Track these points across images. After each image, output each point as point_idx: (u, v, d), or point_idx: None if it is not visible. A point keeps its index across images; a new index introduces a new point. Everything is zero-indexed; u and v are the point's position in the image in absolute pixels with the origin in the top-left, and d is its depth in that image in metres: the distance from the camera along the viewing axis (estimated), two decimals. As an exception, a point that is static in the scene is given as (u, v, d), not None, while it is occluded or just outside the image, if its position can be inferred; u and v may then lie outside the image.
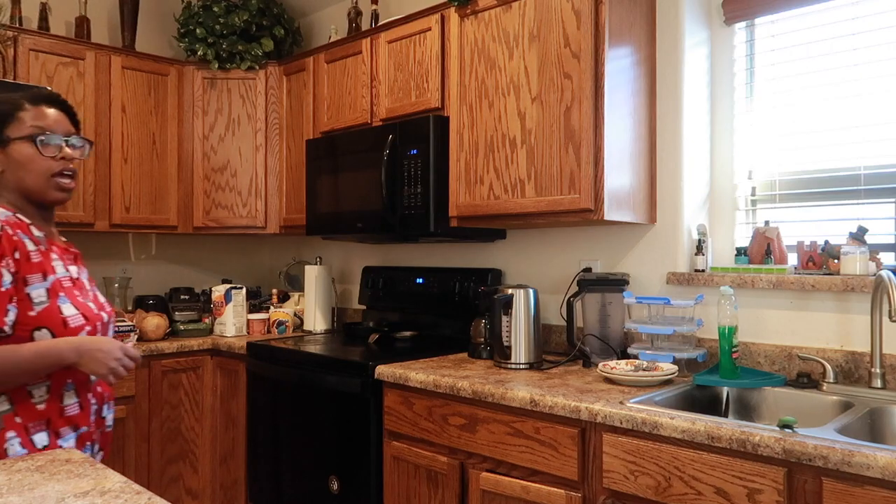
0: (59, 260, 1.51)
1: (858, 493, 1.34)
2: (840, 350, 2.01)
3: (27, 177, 1.48)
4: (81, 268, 1.60)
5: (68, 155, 1.51)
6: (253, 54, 3.44)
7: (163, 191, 3.39)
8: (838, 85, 2.18)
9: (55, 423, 1.44)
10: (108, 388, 1.59)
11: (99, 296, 1.63)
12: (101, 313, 1.55)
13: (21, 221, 1.47)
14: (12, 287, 1.39)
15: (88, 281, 1.62)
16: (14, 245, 1.41)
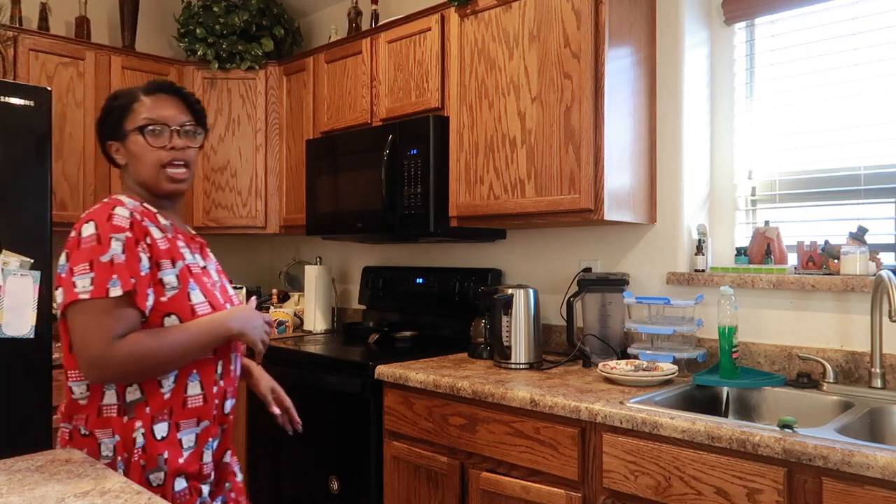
0: (186, 248, 1.48)
1: (858, 492, 1.34)
2: (840, 350, 2.01)
3: (141, 168, 1.45)
4: (208, 258, 1.57)
5: (177, 144, 1.46)
6: (253, 54, 3.44)
7: (163, 191, 3.39)
8: (838, 85, 2.18)
9: (177, 413, 1.39)
10: (230, 381, 1.53)
11: (228, 287, 1.59)
12: (226, 304, 1.51)
13: (148, 210, 1.46)
14: (150, 272, 1.37)
15: (217, 272, 1.59)
16: (144, 231, 1.38)
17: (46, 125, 2.56)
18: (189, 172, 1.50)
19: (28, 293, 2.48)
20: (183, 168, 1.48)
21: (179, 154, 1.46)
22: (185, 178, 1.49)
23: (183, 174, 1.48)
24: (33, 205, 2.52)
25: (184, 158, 1.48)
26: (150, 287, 1.36)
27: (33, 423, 2.49)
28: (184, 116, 1.49)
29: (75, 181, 3.08)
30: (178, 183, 1.48)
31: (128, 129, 1.45)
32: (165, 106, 1.47)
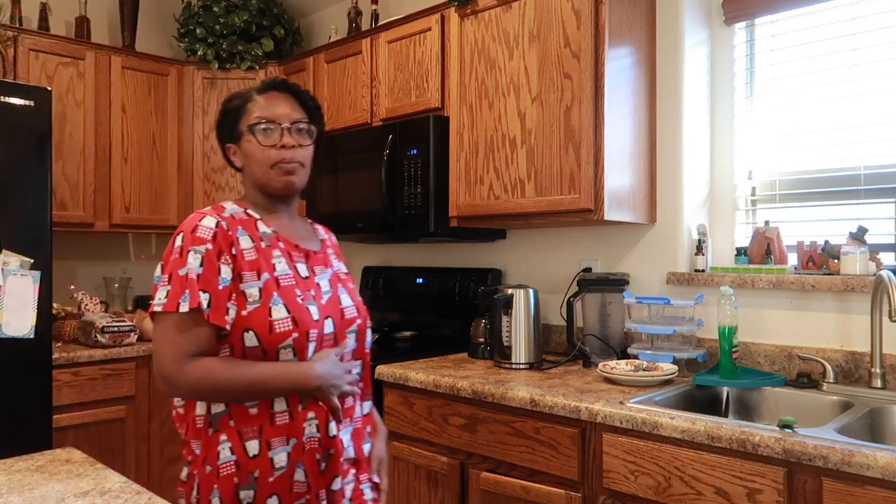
0: (283, 257, 1.38)
1: (858, 493, 1.34)
2: (840, 350, 2.01)
3: (254, 168, 1.41)
4: (323, 265, 1.45)
5: (288, 143, 1.40)
6: (253, 54, 3.44)
7: (163, 191, 3.39)
8: (838, 85, 2.18)
9: (266, 431, 1.28)
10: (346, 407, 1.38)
11: (344, 298, 1.44)
12: (323, 319, 1.36)
13: (249, 218, 1.40)
14: (231, 284, 1.30)
15: (335, 280, 1.45)
16: (230, 241, 1.33)
17: (46, 125, 2.56)
18: (302, 171, 1.44)
19: (28, 293, 2.48)
20: (294, 165, 1.41)
21: (289, 153, 1.40)
22: (296, 177, 1.42)
23: (294, 173, 1.42)
24: (33, 205, 2.52)
25: (294, 157, 1.41)
26: (233, 300, 1.29)
27: (33, 423, 2.49)
28: (296, 114, 1.44)
29: (75, 181, 3.08)
30: (288, 181, 1.41)
31: (242, 129, 1.42)
32: (277, 104, 1.43)
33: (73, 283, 3.39)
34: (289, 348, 1.30)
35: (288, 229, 1.45)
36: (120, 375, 2.90)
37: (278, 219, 1.45)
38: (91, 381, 2.82)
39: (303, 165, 1.44)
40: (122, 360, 2.91)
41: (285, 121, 1.42)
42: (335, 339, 1.38)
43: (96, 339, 2.88)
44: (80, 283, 3.43)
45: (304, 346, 1.31)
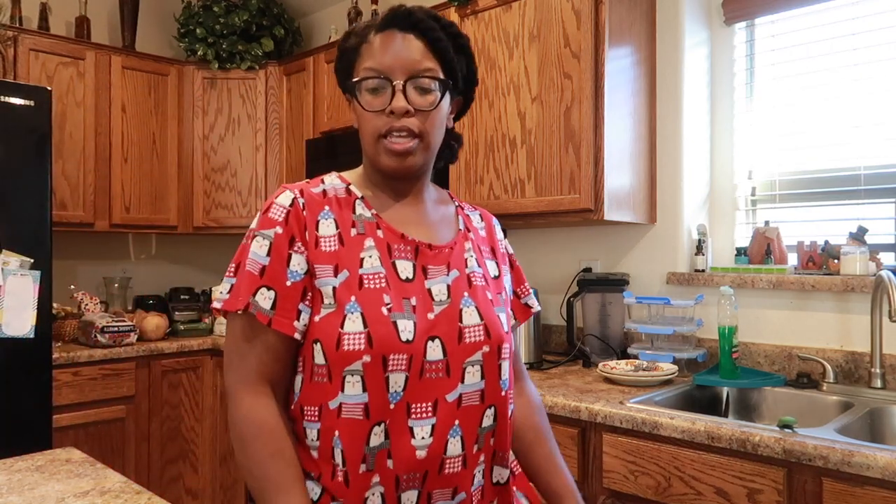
0: (377, 249, 1.02)
1: (858, 493, 1.34)
2: (840, 350, 2.01)
3: (361, 136, 1.06)
4: (442, 266, 1.06)
5: (398, 107, 1.00)
6: (253, 54, 3.44)
7: (163, 191, 3.39)
8: (838, 85, 2.18)
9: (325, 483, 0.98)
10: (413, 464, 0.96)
11: (469, 313, 1.02)
12: (425, 341, 0.97)
13: (348, 195, 1.07)
14: (305, 278, 1.00)
15: (463, 287, 1.05)
16: (303, 224, 1.02)
17: (46, 125, 2.56)
18: (420, 146, 1.03)
19: (28, 293, 2.48)
20: (406, 138, 1.02)
21: (399, 122, 1.01)
22: (411, 156, 1.03)
23: (407, 152, 1.02)
24: (33, 205, 2.52)
25: (407, 126, 1.01)
26: (307, 300, 1.00)
27: (33, 423, 2.49)
28: (420, 63, 1.02)
29: (75, 181, 3.08)
30: (398, 163, 1.03)
31: (352, 82, 1.05)
32: (393, 48, 1.02)
33: (73, 283, 3.39)
34: (357, 375, 0.94)
35: (400, 213, 1.09)
36: (120, 375, 2.90)
37: (392, 200, 1.10)
38: (91, 381, 2.82)
39: (421, 138, 1.03)
40: (122, 360, 2.91)
41: (400, 75, 1.01)
42: (447, 369, 0.98)
43: (96, 339, 2.88)
44: (80, 283, 3.43)
45: (379, 375, 0.94)
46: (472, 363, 1.01)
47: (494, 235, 1.20)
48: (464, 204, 1.22)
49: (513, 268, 1.24)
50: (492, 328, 1.03)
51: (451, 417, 0.98)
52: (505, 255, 1.21)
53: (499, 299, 1.09)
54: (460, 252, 1.09)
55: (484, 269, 1.11)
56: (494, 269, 1.15)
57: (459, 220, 1.15)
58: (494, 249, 1.18)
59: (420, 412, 0.96)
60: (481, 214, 1.21)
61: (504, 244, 1.23)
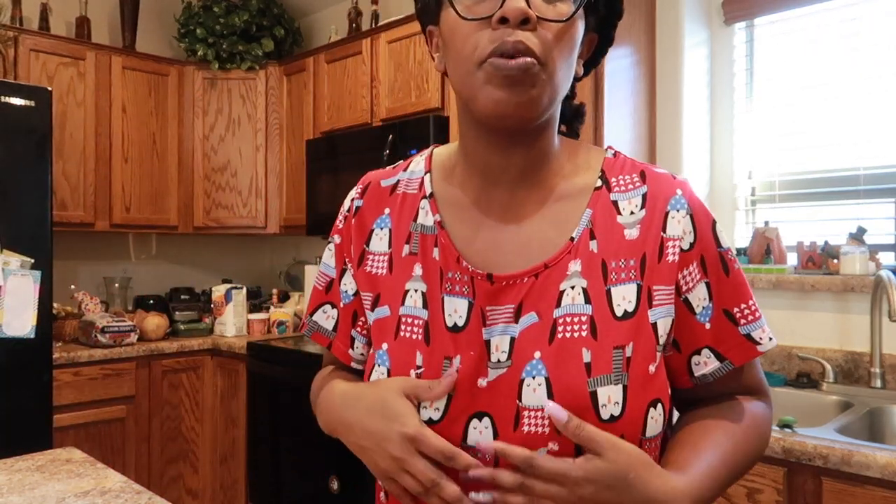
0: (423, 281, 0.76)
1: (858, 492, 1.34)
2: (840, 350, 2.02)
3: (454, 71, 0.71)
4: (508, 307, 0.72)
5: (512, 10, 0.65)
6: (253, 54, 3.44)
7: (163, 191, 3.39)
8: (838, 85, 2.18)
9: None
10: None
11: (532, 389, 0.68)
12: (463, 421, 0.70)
13: (418, 192, 0.80)
14: (356, 300, 0.81)
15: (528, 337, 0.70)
16: (350, 236, 0.82)
17: (47, 125, 2.57)
18: (543, 74, 0.67)
19: (28, 293, 2.48)
20: (522, 62, 0.65)
21: (510, 37, 0.65)
22: (526, 80, 0.66)
23: (521, 64, 0.65)
24: (33, 205, 2.52)
25: (523, 43, 0.65)
26: (358, 326, 0.82)
27: (33, 423, 2.49)
28: None
29: (75, 181, 3.09)
30: (509, 90, 0.67)
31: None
32: None
33: (74, 283, 3.40)
34: None
35: (481, 208, 0.76)
36: (120, 375, 2.90)
37: (484, 181, 0.76)
38: (91, 380, 2.82)
39: (544, 64, 0.67)
40: (122, 360, 2.91)
41: None
42: (495, 461, 0.68)
43: (97, 339, 2.88)
44: (80, 283, 3.43)
45: None
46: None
47: (661, 228, 0.72)
48: (629, 178, 0.77)
49: (709, 275, 0.74)
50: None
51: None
52: (683, 261, 0.72)
53: (611, 361, 0.68)
54: (555, 279, 0.71)
55: (597, 308, 0.70)
56: (631, 298, 0.70)
57: (585, 217, 0.74)
58: (650, 258, 0.72)
59: None
60: (647, 195, 0.74)
61: (688, 240, 0.73)
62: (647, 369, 0.68)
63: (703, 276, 0.72)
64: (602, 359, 0.67)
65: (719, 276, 0.73)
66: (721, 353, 0.73)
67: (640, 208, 0.73)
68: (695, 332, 0.73)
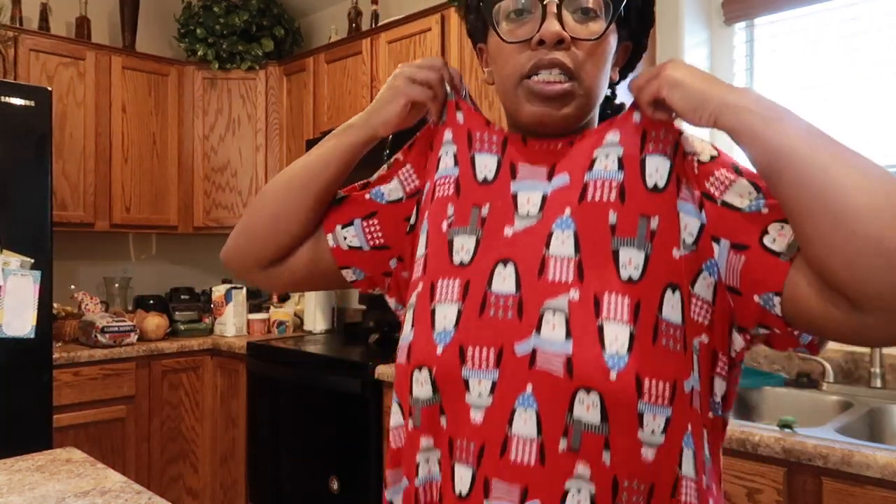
0: (454, 143, 0.83)
1: (858, 492, 1.34)
2: (840, 350, 2.02)
3: (500, 87, 0.79)
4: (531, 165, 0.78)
5: (549, 34, 0.72)
6: (253, 54, 3.44)
7: (163, 191, 3.39)
8: (838, 85, 2.18)
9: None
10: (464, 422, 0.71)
11: (562, 240, 0.72)
12: (482, 265, 0.74)
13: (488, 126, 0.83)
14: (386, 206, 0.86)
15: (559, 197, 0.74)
16: (426, 149, 0.87)
17: (47, 125, 2.57)
18: (578, 88, 0.74)
19: (28, 293, 2.48)
20: (556, 88, 0.73)
21: (546, 56, 0.73)
22: (562, 98, 0.74)
23: (557, 90, 0.73)
24: (33, 205, 2.53)
25: (559, 61, 0.73)
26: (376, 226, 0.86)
27: (33, 423, 2.49)
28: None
29: (75, 181, 3.09)
30: (546, 106, 0.74)
31: (486, 13, 0.79)
32: None
33: (74, 283, 3.40)
34: (411, 310, 0.78)
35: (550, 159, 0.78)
36: (120, 375, 2.90)
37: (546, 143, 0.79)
38: (91, 381, 2.82)
39: (579, 80, 0.74)
40: (122, 360, 2.91)
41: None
42: (519, 308, 0.71)
43: (96, 339, 2.88)
44: (80, 283, 3.43)
45: (425, 307, 0.75)
46: (551, 309, 0.68)
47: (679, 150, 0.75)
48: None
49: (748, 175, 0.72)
50: (588, 269, 0.69)
51: (521, 378, 0.69)
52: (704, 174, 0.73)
53: (636, 227, 0.70)
54: (586, 149, 0.75)
55: (629, 175, 0.72)
56: (663, 173, 0.72)
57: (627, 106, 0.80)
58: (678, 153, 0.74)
59: (477, 360, 0.70)
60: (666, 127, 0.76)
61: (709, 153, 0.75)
62: (670, 250, 0.70)
63: (739, 176, 0.72)
64: (627, 223, 0.71)
65: (756, 177, 0.72)
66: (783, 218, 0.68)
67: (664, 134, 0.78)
68: (752, 222, 0.69)
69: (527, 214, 0.74)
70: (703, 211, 0.72)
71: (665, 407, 0.67)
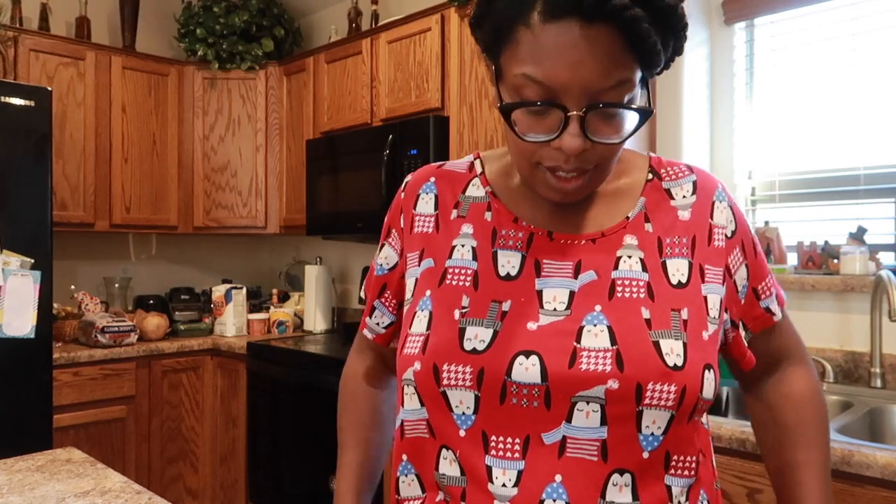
0: (474, 238, 0.79)
1: (858, 492, 1.34)
2: (840, 350, 2.02)
3: (510, 150, 0.76)
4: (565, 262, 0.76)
5: (569, 146, 0.68)
6: (253, 54, 3.44)
7: (163, 191, 3.39)
8: (838, 85, 2.18)
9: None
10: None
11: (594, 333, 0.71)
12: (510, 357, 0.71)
13: (467, 173, 0.85)
14: (389, 275, 0.87)
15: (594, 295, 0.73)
16: (399, 207, 0.87)
17: (47, 125, 2.57)
18: (595, 177, 0.74)
19: (28, 293, 2.48)
20: (574, 185, 0.72)
21: (567, 165, 0.70)
22: (579, 193, 0.74)
23: (575, 187, 0.73)
24: (33, 205, 2.53)
25: (579, 166, 0.71)
26: (384, 297, 0.89)
27: (33, 423, 2.49)
28: (608, 77, 0.66)
29: (75, 181, 3.09)
30: (563, 197, 0.74)
31: (503, 70, 0.71)
32: (571, 55, 0.65)
33: (74, 283, 3.40)
34: (411, 386, 0.76)
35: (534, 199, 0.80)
36: (120, 375, 2.90)
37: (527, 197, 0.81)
38: (91, 381, 2.82)
39: (597, 170, 0.73)
40: (122, 360, 2.91)
41: (578, 98, 0.67)
42: (546, 398, 0.69)
43: (97, 339, 2.88)
44: (80, 283, 3.43)
45: (432, 389, 0.73)
46: (585, 399, 0.68)
47: (709, 215, 0.79)
48: (677, 169, 0.81)
49: (747, 258, 0.82)
50: (630, 359, 0.68)
51: (549, 467, 0.68)
52: (729, 247, 0.79)
53: (670, 319, 0.71)
54: (611, 247, 0.76)
55: (653, 276, 0.74)
56: (684, 271, 0.75)
57: (640, 203, 0.79)
58: (699, 239, 0.78)
59: (501, 448, 0.70)
60: (696, 183, 0.80)
61: (730, 228, 0.80)
62: (700, 333, 0.73)
63: (745, 259, 0.82)
64: (661, 317, 0.72)
65: (752, 258, 0.83)
66: (746, 324, 0.84)
67: (692, 194, 0.81)
68: (738, 308, 0.83)
69: (553, 311, 0.73)
70: (725, 283, 0.79)
71: (690, 477, 0.73)
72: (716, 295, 0.77)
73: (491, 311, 0.74)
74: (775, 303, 0.88)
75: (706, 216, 0.79)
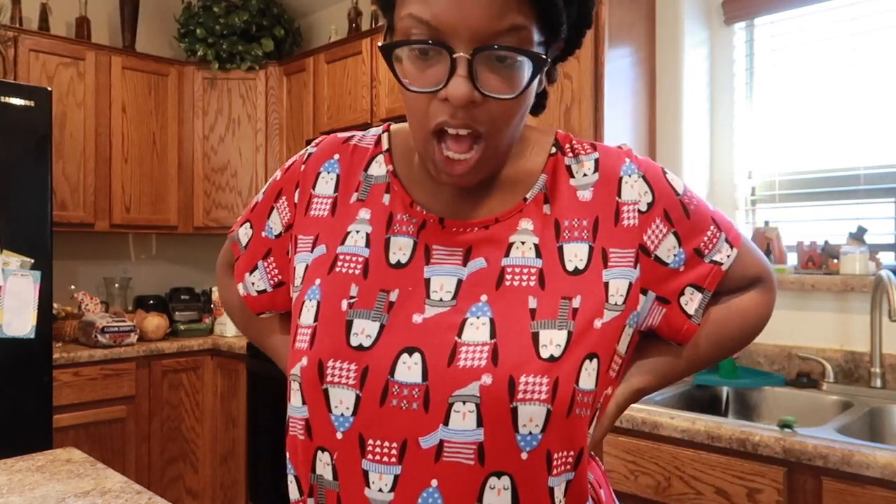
0: (370, 224, 0.76)
1: (858, 492, 1.34)
2: (840, 350, 2.02)
3: (407, 115, 0.72)
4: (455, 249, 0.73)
5: (456, 97, 0.63)
6: (253, 55, 3.44)
7: (163, 191, 3.39)
8: (838, 85, 2.18)
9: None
10: None
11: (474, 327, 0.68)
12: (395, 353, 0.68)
13: (374, 147, 0.81)
14: (275, 241, 0.84)
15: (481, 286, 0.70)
16: (301, 178, 0.81)
17: (47, 125, 2.57)
18: (486, 152, 0.69)
19: (28, 293, 2.48)
20: (465, 145, 0.67)
21: (454, 118, 0.66)
22: (469, 174, 0.69)
23: (464, 168, 0.69)
24: (33, 205, 2.53)
25: (468, 125, 0.66)
26: (268, 261, 0.85)
27: (34, 424, 2.49)
28: (499, 20, 0.63)
29: (75, 181, 3.09)
30: (453, 179, 0.70)
31: (391, 25, 0.71)
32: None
33: (74, 283, 3.40)
34: (296, 382, 0.72)
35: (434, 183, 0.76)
36: (120, 375, 2.90)
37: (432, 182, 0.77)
38: (91, 381, 2.82)
39: (489, 140, 0.68)
40: (122, 360, 2.91)
41: (466, 40, 0.63)
42: (425, 399, 0.67)
43: (97, 340, 2.88)
44: (80, 283, 3.43)
45: (315, 386, 0.70)
46: (461, 399, 0.65)
47: (615, 193, 0.74)
48: (580, 147, 0.77)
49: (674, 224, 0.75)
50: (505, 353, 0.66)
51: (425, 473, 0.66)
52: (644, 223, 0.73)
53: (558, 309, 0.69)
54: (505, 232, 0.72)
55: (547, 262, 0.71)
56: (582, 256, 0.71)
57: (540, 181, 0.75)
58: (603, 221, 0.73)
59: (379, 453, 0.67)
60: (598, 161, 0.75)
61: (645, 201, 0.74)
62: (591, 322, 0.69)
63: (670, 228, 0.75)
64: (548, 306, 0.69)
65: (682, 221, 0.75)
66: (700, 285, 0.77)
67: (594, 172, 0.75)
68: (673, 280, 0.75)
69: (440, 301, 0.70)
70: (639, 264, 0.73)
71: (569, 472, 0.69)
72: (622, 280, 0.72)
73: (379, 300, 0.71)
74: (723, 250, 0.78)
75: (612, 195, 0.74)
